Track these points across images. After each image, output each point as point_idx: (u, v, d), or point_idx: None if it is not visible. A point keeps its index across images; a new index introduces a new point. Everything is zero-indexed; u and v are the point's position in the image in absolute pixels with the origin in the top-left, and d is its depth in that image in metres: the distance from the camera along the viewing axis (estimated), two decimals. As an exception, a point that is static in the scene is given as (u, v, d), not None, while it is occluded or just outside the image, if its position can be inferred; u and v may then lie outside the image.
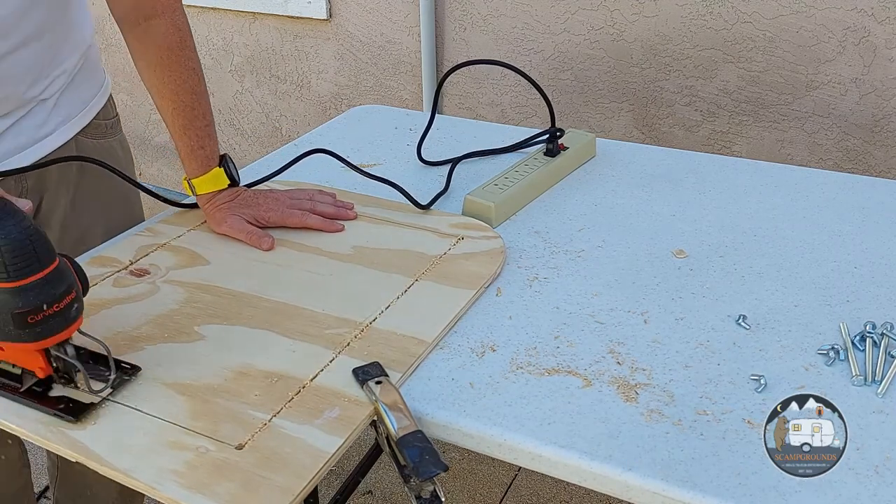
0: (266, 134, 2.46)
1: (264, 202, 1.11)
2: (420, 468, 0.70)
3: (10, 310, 0.71)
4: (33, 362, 0.78)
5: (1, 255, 0.69)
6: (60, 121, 1.10)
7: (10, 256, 0.69)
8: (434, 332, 0.88)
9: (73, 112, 1.13)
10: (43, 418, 0.78)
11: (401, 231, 1.10)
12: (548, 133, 1.28)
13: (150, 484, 0.70)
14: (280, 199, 1.12)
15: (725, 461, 0.72)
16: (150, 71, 1.07)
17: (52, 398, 0.79)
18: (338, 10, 2.15)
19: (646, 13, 1.76)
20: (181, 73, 1.06)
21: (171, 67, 1.06)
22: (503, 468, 1.84)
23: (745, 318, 0.90)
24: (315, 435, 0.74)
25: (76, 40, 1.11)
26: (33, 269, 0.71)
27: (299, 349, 0.86)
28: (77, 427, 0.76)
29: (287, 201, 1.12)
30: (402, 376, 0.82)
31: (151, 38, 1.05)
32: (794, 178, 1.24)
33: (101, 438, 0.75)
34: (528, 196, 1.19)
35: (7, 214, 0.71)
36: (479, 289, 0.96)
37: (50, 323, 0.73)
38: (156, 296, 0.97)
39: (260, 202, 1.11)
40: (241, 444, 0.73)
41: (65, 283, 0.74)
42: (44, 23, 1.03)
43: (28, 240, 0.70)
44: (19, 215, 0.71)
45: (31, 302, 0.71)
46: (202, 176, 1.09)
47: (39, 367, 0.78)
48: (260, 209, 1.10)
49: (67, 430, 0.76)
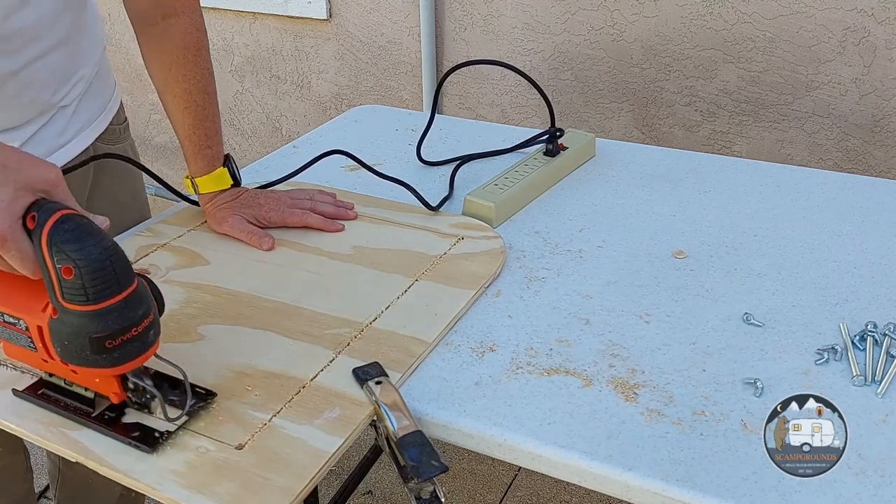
0: (266, 134, 2.46)
1: (265, 202, 1.11)
2: (420, 468, 0.70)
3: (88, 334, 0.67)
4: (108, 387, 0.75)
5: (80, 276, 0.65)
6: (79, 128, 1.09)
7: (89, 278, 0.65)
8: (434, 333, 0.88)
9: (91, 118, 1.12)
10: (44, 417, 0.78)
11: (401, 231, 1.10)
12: (547, 133, 1.28)
13: (150, 484, 0.70)
14: (281, 199, 1.12)
15: (725, 461, 0.72)
16: (165, 69, 1.06)
17: (125, 425, 0.76)
18: (338, 10, 2.15)
19: (646, 13, 1.76)
20: (196, 73, 1.06)
21: (188, 67, 1.06)
22: (503, 468, 1.84)
23: (752, 317, 0.90)
24: (315, 435, 0.74)
25: (94, 44, 1.10)
26: (112, 291, 0.67)
27: (299, 349, 0.87)
28: (76, 427, 0.76)
29: (287, 201, 1.12)
30: (402, 376, 0.82)
31: (169, 36, 1.05)
32: (794, 178, 1.24)
33: (101, 439, 0.75)
34: (528, 196, 1.19)
35: (87, 234, 0.67)
36: (479, 289, 0.96)
37: (127, 348, 0.69)
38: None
39: (261, 202, 1.11)
40: (241, 444, 0.74)
41: (143, 305, 0.70)
42: (72, 26, 1.03)
43: (108, 260, 0.66)
44: (99, 234, 0.67)
45: (110, 326, 0.67)
46: (206, 175, 1.09)
47: (114, 392, 0.75)
48: (261, 209, 1.10)
49: (67, 431, 0.76)
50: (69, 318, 0.67)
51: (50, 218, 0.66)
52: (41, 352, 0.72)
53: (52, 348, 0.71)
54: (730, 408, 0.78)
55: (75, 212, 0.68)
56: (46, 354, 0.72)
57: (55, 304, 0.68)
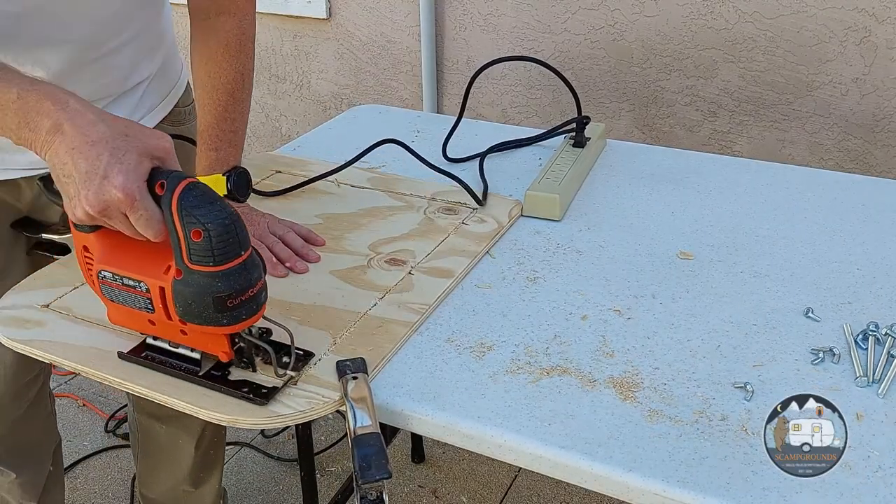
0: (266, 134, 2.46)
1: (250, 217, 1.09)
2: (365, 470, 0.71)
3: (213, 293, 0.72)
4: (218, 346, 0.79)
5: (209, 239, 0.70)
6: (147, 109, 1.14)
7: (217, 241, 0.70)
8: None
9: (157, 101, 1.16)
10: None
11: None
12: (574, 122, 1.29)
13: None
14: (264, 221, 1.09)
15: (726, 461, 0.72)
16: (202, 63, 1.08)
17: (233, 381, 0.80)
18: (338, 9, 2.15)
19: (646, 13, 1.76)
20: (227, 73, 1.07)
21: (221, 65, 1.07)
22: (503, 469, 1.84)
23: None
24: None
25: (163, 34, 1.15)
26: (235, 253, 0.72)
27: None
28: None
29: (266, 226, 1.08)
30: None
31: (215, 32, 1.07)
32: (794, 178, 1.24)
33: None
34: (576, 188, 1.20)
35: (213, 201, 0.71)
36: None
37: (245, 307, 0.74)
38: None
39: (246, 215, 1.08)
40: None
41: (257, 268, 0.75)
42: (147, 18, 1.09)
43: (233, 225, 0.72)
44: (222, 202, 0.72)
45: (232, 286, 0.72)
46: (203, 177, 1.08)
47: (224, 350, 0.79)
48: (247, 224, 1.08)
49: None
50: (195, 278, 0.72)
51: (179, 184, 0.71)
52: (159, 312, 0.77)
53: (173, 309, 0.75)
54: (730, 408, 0.78)
55: (199, 180, 0.73)
56: (165, 315, 0.77)
57: (181, 265, 0.73)
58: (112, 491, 1.84)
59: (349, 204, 1.18)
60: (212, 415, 0.78)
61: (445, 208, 1.15)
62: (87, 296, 0.95)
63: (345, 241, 1.08)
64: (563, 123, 1.35)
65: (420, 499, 1.76)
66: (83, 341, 0.88)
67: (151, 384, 0.82)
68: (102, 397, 2.11)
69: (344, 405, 0.78)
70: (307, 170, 1.27)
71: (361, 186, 1.23)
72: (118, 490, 1.84)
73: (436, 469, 1.84)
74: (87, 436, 1.99)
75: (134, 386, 0.82)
